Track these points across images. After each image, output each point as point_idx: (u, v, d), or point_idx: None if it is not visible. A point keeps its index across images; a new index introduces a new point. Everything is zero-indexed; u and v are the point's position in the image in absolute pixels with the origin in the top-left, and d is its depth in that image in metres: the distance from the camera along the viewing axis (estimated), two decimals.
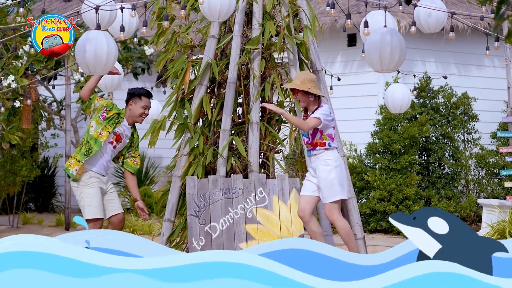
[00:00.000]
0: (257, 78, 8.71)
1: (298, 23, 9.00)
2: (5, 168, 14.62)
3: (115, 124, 8.83)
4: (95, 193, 8.71)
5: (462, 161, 14.45)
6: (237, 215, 8.52)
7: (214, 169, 8.79)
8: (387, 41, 6.84)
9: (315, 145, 8.05)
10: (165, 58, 9.12)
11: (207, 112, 8.80)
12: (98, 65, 6.76)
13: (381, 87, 14.88)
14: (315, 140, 8.04)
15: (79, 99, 8.92)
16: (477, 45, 15.67)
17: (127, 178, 9.21)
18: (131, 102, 8.95)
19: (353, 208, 9.05)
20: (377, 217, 13.94)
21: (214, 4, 7.69)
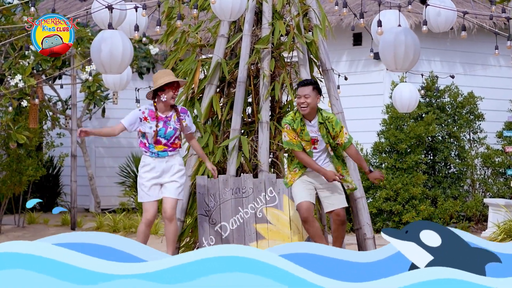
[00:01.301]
0: (267, 77, 8.72)
1: (308, 22, 9.00)
2: (11, 168, 14.62)
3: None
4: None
5: (468, 161, 14.44)
6: (247, 215, 8.53)
7: (224, 168, 8.80)
8: (401, 40, 6.86)
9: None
10: (175, 57, 9.12)
11: (217, 112, 8.80)
12: (113, 64, 6.76)
13: (386, 87, 14.88)
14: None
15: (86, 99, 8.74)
16: (482, 45, 15.66)
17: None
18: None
19: (362, 208, 9.05)
20: (383, 217, 13.93)
21: (226, 3, 7.69)
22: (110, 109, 17.05)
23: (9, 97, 12.02)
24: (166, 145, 8.02)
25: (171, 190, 7.99)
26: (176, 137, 8.07)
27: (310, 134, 8.03)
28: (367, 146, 14.40)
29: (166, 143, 8.02)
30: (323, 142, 8.07)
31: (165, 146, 8.02)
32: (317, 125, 8.03)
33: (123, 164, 17.76)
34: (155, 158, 8.02)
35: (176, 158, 8.09)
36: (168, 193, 7.99)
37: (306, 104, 7.94)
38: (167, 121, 8.06)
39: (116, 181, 17.79)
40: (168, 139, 8.02)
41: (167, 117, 8.06)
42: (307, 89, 7.95)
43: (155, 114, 8.03)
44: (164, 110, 8.08)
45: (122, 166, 17.73)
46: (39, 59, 12.64)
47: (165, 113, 8.08)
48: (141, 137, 8.12)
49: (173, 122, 8.05)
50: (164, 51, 17.42)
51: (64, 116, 16.46)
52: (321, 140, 8.05)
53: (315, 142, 8.06)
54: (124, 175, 17.75)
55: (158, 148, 8.02)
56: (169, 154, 8.05)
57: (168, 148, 8.03)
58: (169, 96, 8.00)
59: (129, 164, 17.76)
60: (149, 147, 8.04)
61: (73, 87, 15.54)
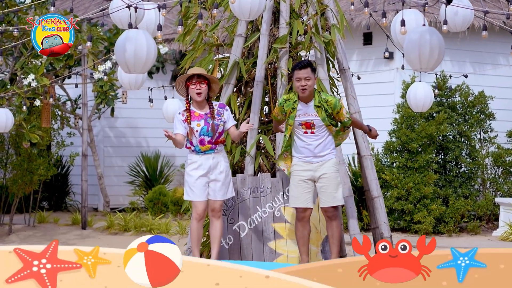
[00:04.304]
0: (285, 76, 8.72)
1: (325, 21, 9.01)
2: (22, 167, 14.63)
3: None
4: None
5: (479, 160, 14.45)
6: (265, 214, 8.53)
7: (242, 168, 8.80)
8: (427, 40, 6.86)
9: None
10: (192, 57, 9.13)
11: (235, 111, 8.81)
12: (137, 64, 6.77)
13: (397, 86, 14.89)
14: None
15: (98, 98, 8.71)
16: (492, 44, 15.67)
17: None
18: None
19: (379, 207, 9.07)
20: (395, 216, 13.94)
21: (245, 3, 7.70)
22: (119, 109, 17.07)
23: (22, 97, 12.02)
24: (210, 142, 7.98)
25: (217, 190, 8.01)
26: (219, 133, 7.98)
27: (303, 118, 7.85)
28: (378, 146, 14.40)
29: (210, 141, 7.97)
30: (324, 127, 7.89)
31: (209, 144, 7.97)
32: (314, 108, 7.85)
33: (133, 163, 17.78)
34: (201, 156, 7.96)
35: (221, 155, 8.03)
36: (213, 194, 8.01)
37: (307, 86, 7.78)
38: (207, 118, 7.97)
39: (125, 180, 17.81)
40: (212, 136, 7.93)
41: (206, 114, 8.00)
42: (307, 71, 7.78)
43: (193, 113, 7.99)
44: (198, 107, 8.03)
45: (131, 165, 17.75)
46: (52, 59, 12.64)
47: (203, 110, 8.03)
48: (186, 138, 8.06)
49: (210, 118, 7.96)
50: (173, 51, 17.43)
51: (74, 115, 16.47)
52: (321, 124, 7.85)
53: (312, 126, 7.87)
54: (133, 174, 17.76)
55: (203, 147, 7.97)
56: (215, 151, 7.97)
57: (213, 146, 7.96)
58: (192, 93, 7.96)
59: (138, 164, 17.78)
60: (194, 145, 8.00)
61: (84, 86, 15.54)
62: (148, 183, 17.54)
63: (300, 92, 7.82)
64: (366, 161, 9.10)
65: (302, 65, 7.84)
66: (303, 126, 7.86)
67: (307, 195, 7.95)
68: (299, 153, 7.96)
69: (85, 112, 15.87)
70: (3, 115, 11.00)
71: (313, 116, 7.84)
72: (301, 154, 7.94)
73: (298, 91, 7.83)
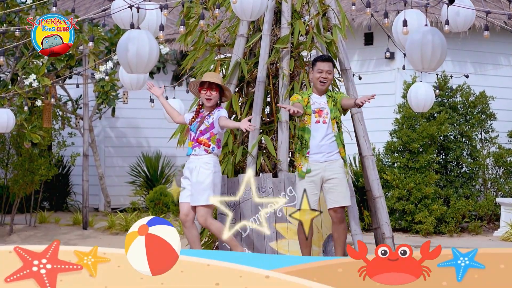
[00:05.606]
0: (287, 77, 8.72)
1: (327, 21, 9.01)
2: (23, 167, 14.62)
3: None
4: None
5: (480, 160, 14.46)
6: (267, 214, 8.53)
7: (244, 168, 8.80)
8: (429, 40, 6.86)
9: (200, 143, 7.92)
10: (193, 57, 9.12)
11: (236, 111, 8.80)
12: (139, 64, 6.77)
13: (398, 86, 14.89)
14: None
15: (99, 98, 8.73)
16: (493, 44, 15.66)
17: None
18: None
19: (381, 207, 9.06)
20: (396, 216, 13.95)
21: (247, 3, 7.69)
22: (120, 109, 17.07)
23: (24, 97, 12.01)
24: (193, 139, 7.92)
25: (192, 193, 7.93)
26: (201, 131, 7.89)
27: (316, 106, 7.97)
28: (379, 146, 14.41)
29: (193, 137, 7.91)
30: (329, 117, 7.95)
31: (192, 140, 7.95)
32: (326, 97, 8.01)
33: (134, 163, 17.77)
34: (189, 157, 7.97)
35: (201, 161, 7.89)
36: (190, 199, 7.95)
37: (328, 80, 7.97)
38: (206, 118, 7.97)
39: (126, 180, 17.81)
40: (195, 132, 7.90)
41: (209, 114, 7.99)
42: (329, 65, 7.99)
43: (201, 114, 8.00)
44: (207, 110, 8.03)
45: (132, 165, 17.74)
46: (53, 59, 12.64)
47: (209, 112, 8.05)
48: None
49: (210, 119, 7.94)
50: (174, 51, 17.43)
51: (75, 115, 16.48)
52: (329, 112, 7.94)
53: (321, 112, 7.96)
54: (134, 174, 17.76)
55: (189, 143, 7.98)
56: (193, 153, 7.90)
57: (194, 144, 7.93)
58: (202, 97, 7.98)
59: (139, 164, 17.78)
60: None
61: (85, 86, 15.55)
62: (149, 183, 17.54)
63: (319, 84, 7.97)
64: (367, 161, 9.09)
65: (325, 58, 8.03)
66: (316, 114, 7.96)
67: (314, 197, 7.98)
68: (308, 149, 7.95)
69: (86, 112, 15.87)
70: (4, 115, 10.98)
71: (324, 104, 7.98)
72: (310, 150, 7.94)
73: (317, 82, 7.99)
